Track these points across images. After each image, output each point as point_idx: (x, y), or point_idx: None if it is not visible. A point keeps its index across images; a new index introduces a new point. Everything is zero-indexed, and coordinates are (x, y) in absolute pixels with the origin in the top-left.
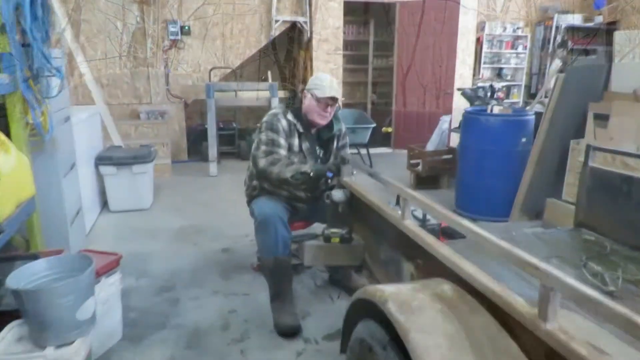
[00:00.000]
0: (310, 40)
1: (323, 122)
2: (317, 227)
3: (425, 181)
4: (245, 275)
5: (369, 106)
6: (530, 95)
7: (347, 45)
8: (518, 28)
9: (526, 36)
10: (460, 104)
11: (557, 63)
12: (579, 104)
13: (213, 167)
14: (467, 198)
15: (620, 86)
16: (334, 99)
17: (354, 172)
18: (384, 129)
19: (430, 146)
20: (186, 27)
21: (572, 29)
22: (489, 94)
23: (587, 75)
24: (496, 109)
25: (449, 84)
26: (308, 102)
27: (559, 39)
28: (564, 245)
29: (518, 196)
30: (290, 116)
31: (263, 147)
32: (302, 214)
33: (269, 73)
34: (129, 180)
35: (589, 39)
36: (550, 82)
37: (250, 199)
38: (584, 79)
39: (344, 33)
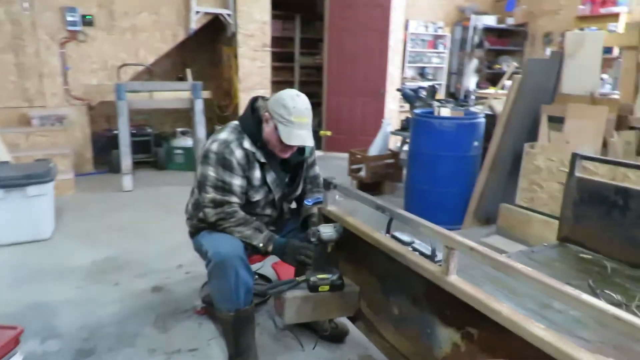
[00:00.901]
0: (235, 35)
1: (285, 156)
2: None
3: (368, 187)
4: (188, 323)
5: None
6: (450, 95)
7: (271, 41)
8: (439, 28)
9: (446, 36)
10: (392, 105)
11: (475, 62)
12: (532, 107)
13: (127, 181)
14: (418, 205)
15: (571, 87)
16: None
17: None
18: (321, 132)
19: (373, 150)
20: (88, 17)
21: (488, 30)
22: (430, 94)
23: (540, 76)
24: (443, 111)
25: (381, 83)
26: (268, 130)
27: (476, 39)
28: (560, 267)
29: (471, 202)
30: (247, 144)
31: (211, 194)
32: None
33: (188, 71)
34: (22, 206)
35: (504, 40)
36: (470, 82)
37: (196, 231)
38: (539, 79)
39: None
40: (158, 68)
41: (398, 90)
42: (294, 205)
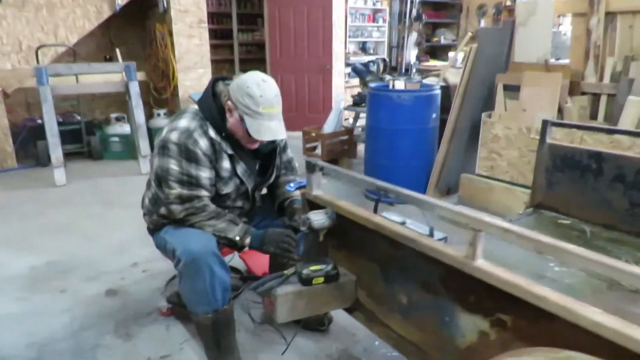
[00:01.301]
0: (167, 11)
1: (253, 148)
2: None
3: None
4: (154, 327)
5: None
6: (392, 69)
7: (207, 18)
8: (377, 1)
9: (385, 9)
10: (338, 81)
11: (414, 36)
12: (487, 76)
13: (59, 174)
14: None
15: (524, 55)
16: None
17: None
18: None
19: (327, 128)
20: None
21: (424, 3)
22: (381, 68)
23: (493, 45)
24: (398, 84)
25: (327, 59)
26: (233, 122)
27: (414, 12)
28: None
29: (433, 174)
30: (212, 132)
31: (176, 189)
32: None
33: (118, 51)
34: None
35: (440, 12)
36: (411, 55)
37: (157, 227)
38: (492, 49)
39: None
40: (82, 49)
41: (348, 65)
42: (264, 191)
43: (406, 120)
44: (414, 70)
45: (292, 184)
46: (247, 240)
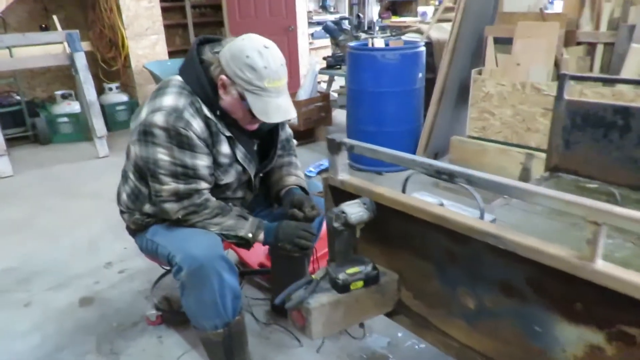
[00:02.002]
0: None
1: (253, 128)
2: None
3: (302, 136)
4: (143, 340)
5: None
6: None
7: None
8: None
9: None
10: (302, 42)
11: None
12: (476, 29)
13: (4, 164)
14: None
15: (513, 4)
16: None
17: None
18: None
19: (303, 94)
20: None
21: None
22: (355, 26)
23: None
24: (377, 42)
25: (291, 19)
26: (231, 101)
27: None
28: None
29: (422, 138)
30: (206, 110)
31: (171, 184)
32: None
33: (55, 19)
34: None
35: None
36: (373, 12)
37: (141, 228)
38: (478, 0)
39: None
40: (11, 18)
41: (319, 24)
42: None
43: (392, 81)
44: (376, 27)
45: (311, 168)
46: (261, 236)
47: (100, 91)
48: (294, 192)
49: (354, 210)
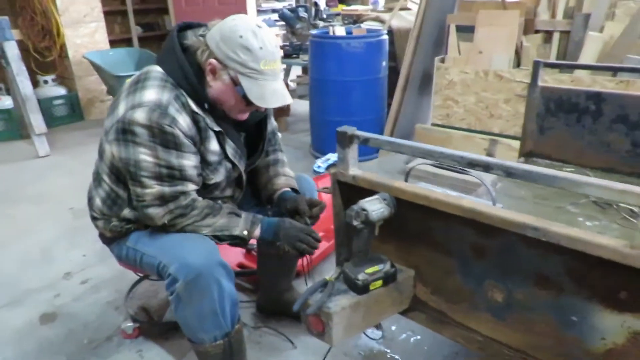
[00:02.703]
0: None
1: (242, 118)
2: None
3: None
4: (122, 356)
5: (136, 42)
6: (312, 15)
7: None
8: None
9: None
10: None
11: None
12: (438, 18)
13: None
14: (328, 139)
15: None
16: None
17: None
18: None
19: None
20: None
21: None
22: (312, 13)
23: None
24: (338, 30)
25: (241, 6)
26: (221, 87)
27: None
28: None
29: (387, 127)
30: (192, 104)
31: (154, 187)
32: None
33: None
34: None
35: None
36: (321, 1)
37: (119, 236)
38: None
39: None
40: None
41: (274, 11)
42: None
43: (357, 70)
44: (324, 15)
45: (319, 164)
46: (257, 232)
47: (34, 84)
48: (285, 196)
49: (375, 207)
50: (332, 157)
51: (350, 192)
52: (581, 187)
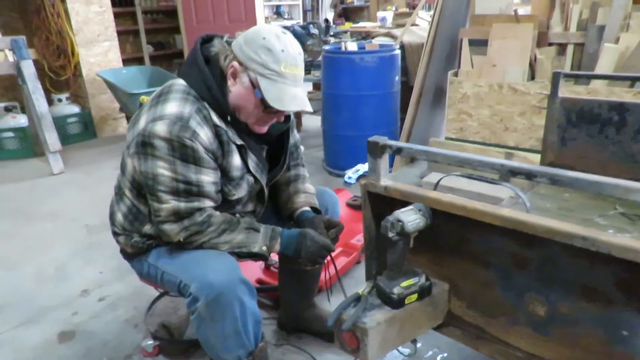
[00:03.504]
0: None
1: (262, 131)
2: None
3: None
4: None
5: (147, 60)
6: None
7: None
8: None
9: None
10: None
11: None
12: (450, 32)
13: None
14: (342, 154)
15: (484, 7)
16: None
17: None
18: None
19: None
20: None
21: None
22: (323, 30)
23: None
24: (350, 46)
25: (251, 25)
26: (240, 91)
27: None
28: (573, 196)
29: (401, 141)
30: (215, 117)
31: (170, 202)
32: None
33: None
34: None
35: None
36: (328, 14)
37: (140, 252)
38: (453, 2)
39: None
40: None
41: (286, 27)
42: None
43: (370, 84)
44: (331, 33)
45: (350, 174)
46: (277, 247)
47: (48, 103)
48: (304, 217)
49: (411, 218)
50: (362, 167)
51: (380, 203)
52: (635, 194)
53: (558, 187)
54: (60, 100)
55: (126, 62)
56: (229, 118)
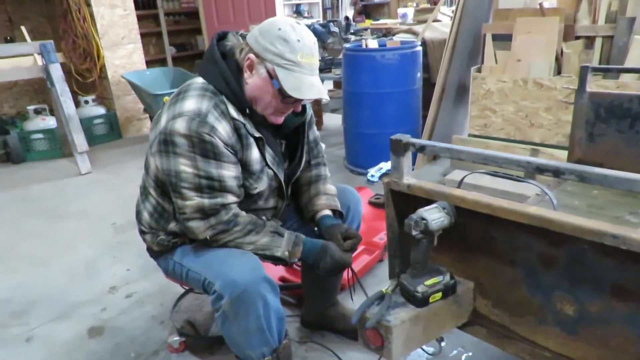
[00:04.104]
0: None
1: (279, 121)
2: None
3: None
4: None
5: (170, 62)
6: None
7: None
8: None
9: None
10: None
11: None
12: (472, 27)
13: None
14: (363, 152)
15: (508, 1)
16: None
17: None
18: None
19: None
20: None
21: None
22: (344, 28)
23: None
24: (371, 43)
25: None
26: (258, 82)
27: None
28: (602, 193)
29: (423, 138)
30: (233, 111)
31: (194, 199)
32: None
33: (24, 29)
34: None
35: None
36: (348, 12)
37: (166, 249)
38: None
39: None
40: None
41: (307, 26)
42: None
43: (392, 82)
44: (351, 30)
45: (373, 173)
46: (298, 254)
47: (75, 104)
48: (323, 224)
49: (435, 216)
50: (385, 165)
51: (403, 201)
52: None
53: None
54: (87, 102)
55: (149, 63)
56: (247, 111)
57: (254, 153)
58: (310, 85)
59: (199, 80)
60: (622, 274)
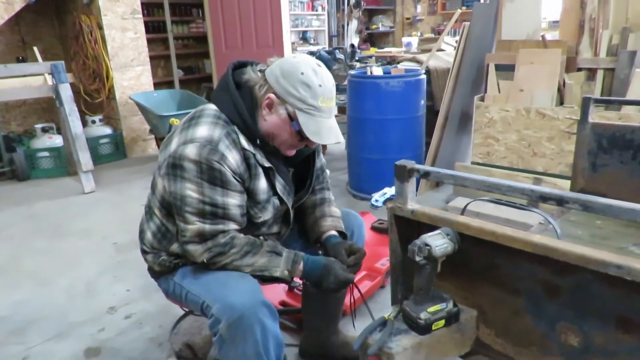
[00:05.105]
0: (93, 0)
1: (291, 154)
2: None
3: None
4: None
5: (177, 84)
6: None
7: None
8: None
9: None
10: None
11: (354, 23)
12: (476, 57)
13: None
14: (366, 177)
15: (512, 33)
16: None
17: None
18: None
19: None
20: None
21: None
22: (349, 55)
23: (483, 22)
24: (376, 71)
25: (278, 50)
26: (277, 121)
27: None
28: (605, 223)
29: (426, 165)
30: (244, 141)
31: (196, 224)
32: None
33: (36, 50)
34: None
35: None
36: (354, 40)
37: (167, 270)
38: (481, 26)
39: None
40: None
41: (311, 53)
42: None
43: (396, 108)
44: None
45: (377, 197)
46: (298, 272)
47: (83, 124)
48: (328, 243)
49: (438, 242)
50: (389, 191)
51: (407, 227)
52: None
53: (590, 214)
54: (94, 121)
55: (157, 85)
56: (258, 141)
57: (262, 183)
58: (329, 129)
59: (212, 107)
60: (627, 305)
